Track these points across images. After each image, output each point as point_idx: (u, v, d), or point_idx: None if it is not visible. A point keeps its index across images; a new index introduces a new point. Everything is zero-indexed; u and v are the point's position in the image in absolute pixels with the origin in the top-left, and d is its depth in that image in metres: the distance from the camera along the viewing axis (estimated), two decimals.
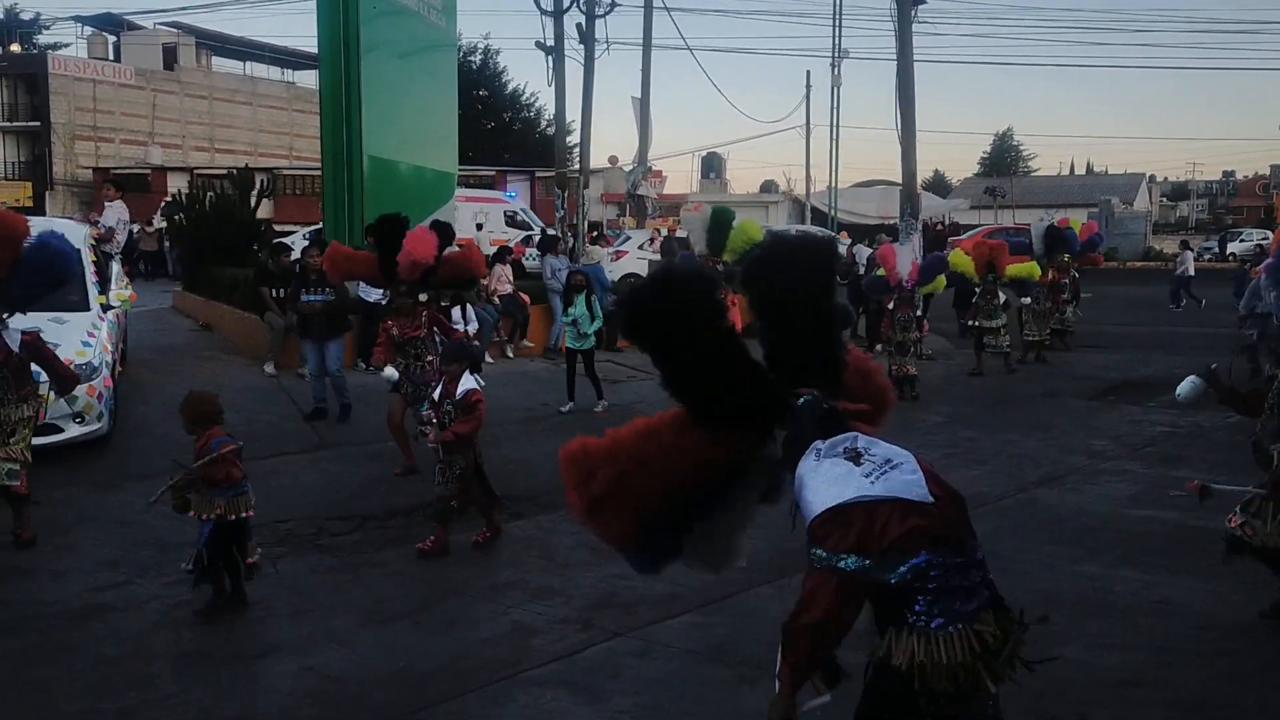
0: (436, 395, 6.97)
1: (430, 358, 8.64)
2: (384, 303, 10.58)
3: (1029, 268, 15.34)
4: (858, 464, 3.02)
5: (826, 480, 3.01)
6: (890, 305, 13.24)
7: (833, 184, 42.08)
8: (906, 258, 13.61)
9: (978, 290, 14.83)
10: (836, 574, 2.92)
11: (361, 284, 12.94)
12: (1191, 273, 24.85)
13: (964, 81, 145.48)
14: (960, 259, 14.83)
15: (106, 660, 5.15)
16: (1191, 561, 6.48)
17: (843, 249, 17.79)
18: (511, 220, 25.98)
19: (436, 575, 6.46)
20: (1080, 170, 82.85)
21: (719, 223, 13.40)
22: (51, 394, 8.42)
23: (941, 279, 14.17)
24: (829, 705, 3.22)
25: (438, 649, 5.36)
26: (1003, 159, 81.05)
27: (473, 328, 10.56)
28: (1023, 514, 8.05)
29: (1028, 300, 16.03)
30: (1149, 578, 6.42)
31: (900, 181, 19.54)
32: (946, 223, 46.58)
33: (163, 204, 28.58)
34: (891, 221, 24.24)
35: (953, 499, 3.08)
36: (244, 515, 5.65)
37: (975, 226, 46.27)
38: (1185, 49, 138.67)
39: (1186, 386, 5.71)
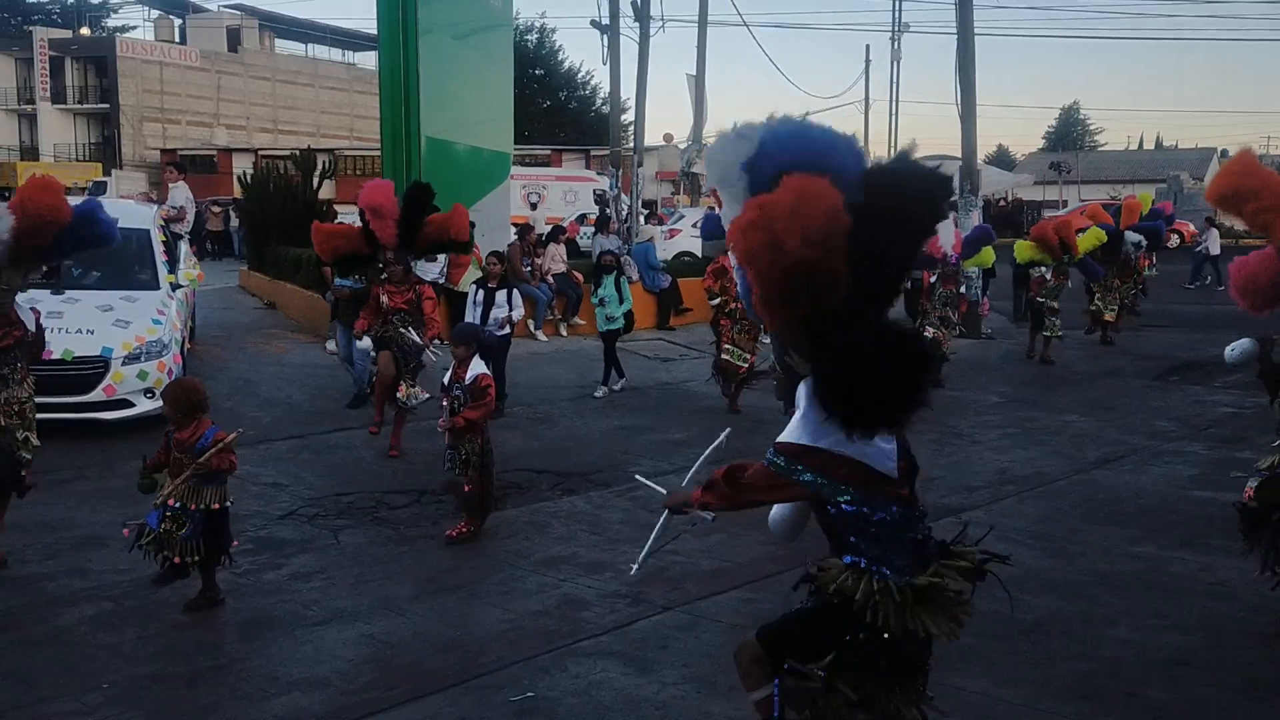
0: (446, 380, 6.86)
1: (407, 330, 8.65)
2: (440, 279, 10.73)
3: (1094, 236, 14.59)
4: None
5: (814, 420, 3.09)
6: (932, 280, 12.72)
7: None
8: (949, 231, 12.90)
9: (1048, 272, 14.26)
10: (784, 477, 3.14)
11: (420, 262, 13.16)
12: (1215, 251, 24.13)
13: (1030, 54, 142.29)
14: (1024, 249, 14.45)
15: (177, 626, 5.35)
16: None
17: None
18: (600, 199, 26.48)
19: (491, 549, 6.61)
20: (1149, 145, 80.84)
21: None
22: (124, 370, 8.73)
23: (988, 252, 13.65)
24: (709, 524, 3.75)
25: (491, 619, 5.49)
26: (1069, 133, 79.36)
27: (517, 314, 10.50)
28: (1080, 494, 7.99)
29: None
30: (1206, 559, 6.35)
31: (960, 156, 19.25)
32: (1010, 199, 45.82)
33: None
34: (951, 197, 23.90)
35: (912, 467, 3.26)
36: (228, 505, 5.59)
37: (1039, 203, 45.50)
38: (1259, 20, 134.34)
39: (1239, 348, 5.68)
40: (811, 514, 3.41)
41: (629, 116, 30.23)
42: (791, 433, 3.18)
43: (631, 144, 23.85)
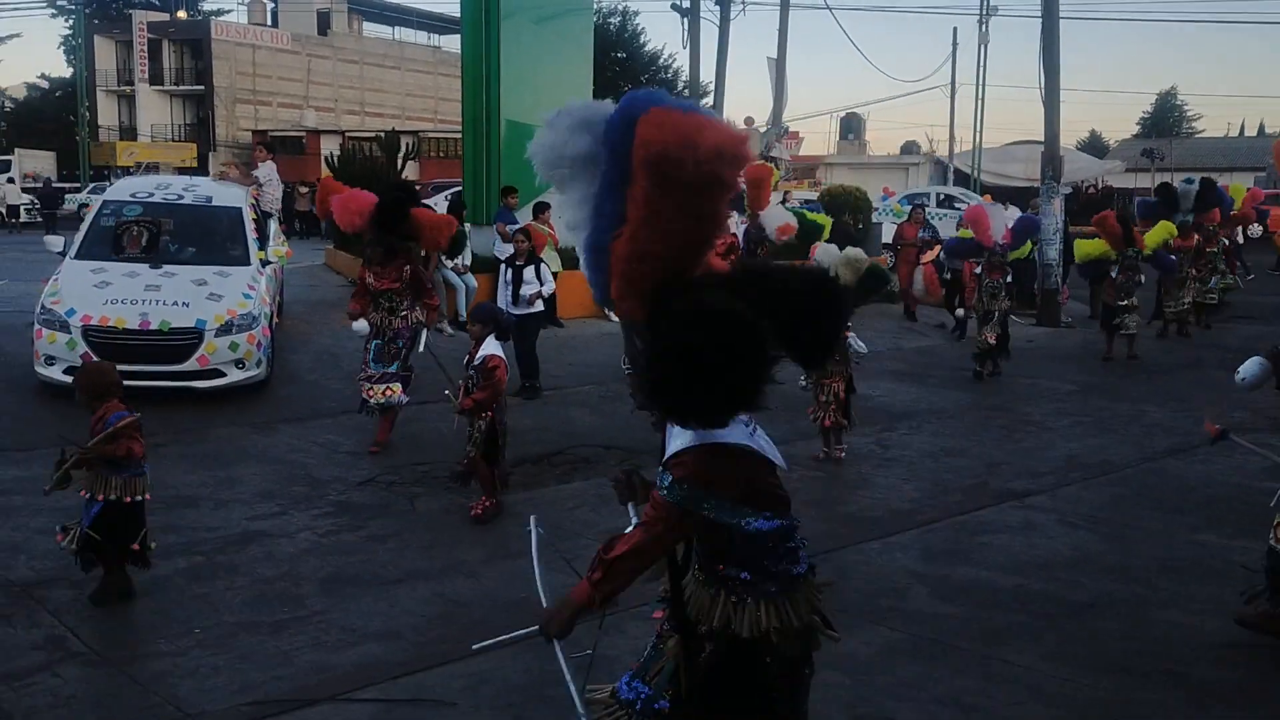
0: (464, 360, 6.90)
1: (404, 312, 8.30)
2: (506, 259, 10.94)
3: (1163, 229, 13.99)
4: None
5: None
6: (978, 270, 12.33)
7: (976, 144, 40.88)
8: (1001, 219, 12.63)
9: (1116, 266, 13.57)
10: (680, 508, 2.83)
11: (496, 242, 13.49)
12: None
13: (1127, 38, 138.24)
14: (1086, 244, 13.95)
15: (262, 580, 5.70)
16: None
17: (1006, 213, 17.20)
18: None
19: (558, 519, 6.84)
20: (1250, 132, 77.98)
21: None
22: (216, 342, 9.16)
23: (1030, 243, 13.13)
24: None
25: (556, 582, 5.70)
26: (1164, 119, 76.98)
27: (548, 288, 10.38)
28: (1146, 482, 7.98)
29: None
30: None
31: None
32: (1099, 185, 44.76)
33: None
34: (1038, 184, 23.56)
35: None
36: (139, 498, 5.25)
37: (1129, 190, 44.29)
38: None
39: (1248, 370, 5.37)
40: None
41: (709, 100, 30.27)
42: (688, 438, 2.83)
43: None
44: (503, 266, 10.66)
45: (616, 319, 14.40)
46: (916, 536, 6.65)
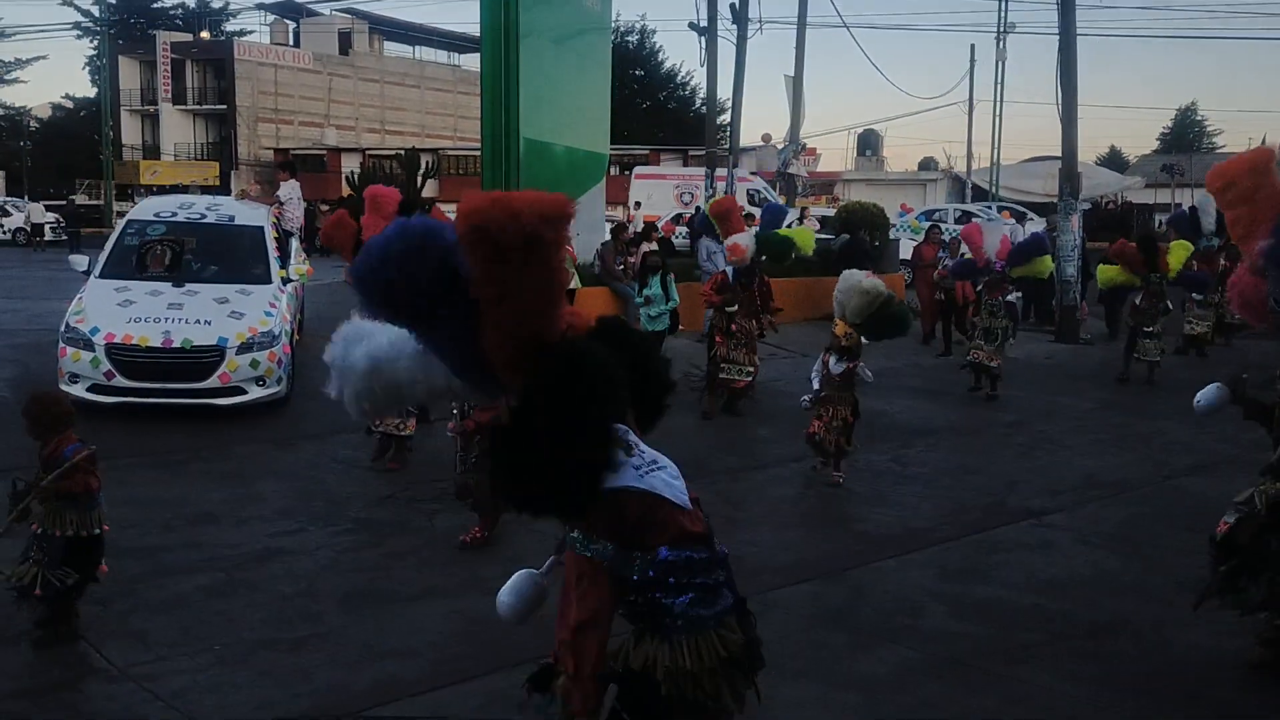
0: None
1: None
2: None
3: (1181, 249, 13.32)
4: (629, 455, 2.92)
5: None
6: (978, 289, 12.05)
7: (994, 160, 40.83)
8: (995, 236, 12.26)
9: (1137, 296, 13.14)
10: (593, 562, 2.86)
11: None
12: None
13: (1146, 54, 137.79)
14: (1108, 269, 13.26)
15: (282, 597, 5.73)
16: None
17: (1006, 229, 16.95)
18: (752, 199, 27.47)
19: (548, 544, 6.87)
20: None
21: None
22: (238, 359, 9.22)
23: (1045, 262, 12.09)
24: None
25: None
26: (1185, 134, 76.68)
27: None
28: (1165, 501, 7.94)
29: (1199, 298, 14.84)
30: None
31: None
32: (1119, 201, 44.60)
33: None
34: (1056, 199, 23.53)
35: (697, 504, 3.05)
36: (97, 531, 5.03)
37: (1149, 206, 44.12)
38: None
39: (1206, 397, 5.29)
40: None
41: (726, 118, 30.39)
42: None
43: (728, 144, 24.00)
44: None
45: None
46: (934, 554, 6.64)
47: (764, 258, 10.97)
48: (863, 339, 7.96)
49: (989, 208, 32.46)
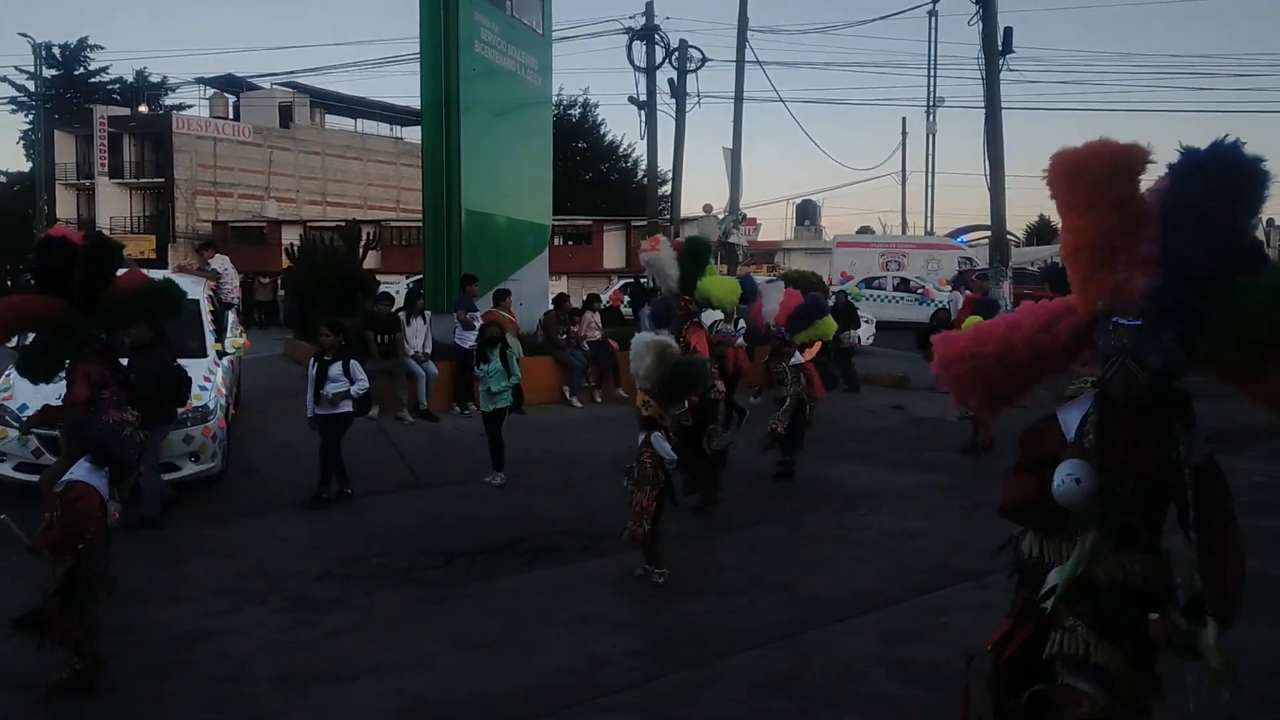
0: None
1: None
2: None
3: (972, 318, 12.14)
4: None
5: None
6: (765, 359, 11.06)
7: (928, 229, 41.82)
8: (774, 298, 11.06)
9: None
10: None
11: (457, 330, 13.52)
12: None
13: (1065, 128, 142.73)
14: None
15: (214, 680, 5.56)
16: (1271, 611, 6.41)
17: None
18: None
19: (519, 607, 6.78)
20: None
21: (696, 252, 10.43)
22: (171, 435, 9.05)
23: (829, 321, 11.22)
24: None
25: (517, 674, 5.65)
26: None
27: (358, 388, 9.50)
28: None
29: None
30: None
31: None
32: (1048, 263, 45.84)
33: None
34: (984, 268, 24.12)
35: None
36: None
37: None
38: None
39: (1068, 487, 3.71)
40: None
41: (669, 189, 30.83)
42: None
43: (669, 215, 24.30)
44: (311, 360, 9.73)
45: (579, 405, 14.45)
46: (878, 618, 6.64)
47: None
48: (666, 407, 7.42)
49: (919, 279, 33.18)
